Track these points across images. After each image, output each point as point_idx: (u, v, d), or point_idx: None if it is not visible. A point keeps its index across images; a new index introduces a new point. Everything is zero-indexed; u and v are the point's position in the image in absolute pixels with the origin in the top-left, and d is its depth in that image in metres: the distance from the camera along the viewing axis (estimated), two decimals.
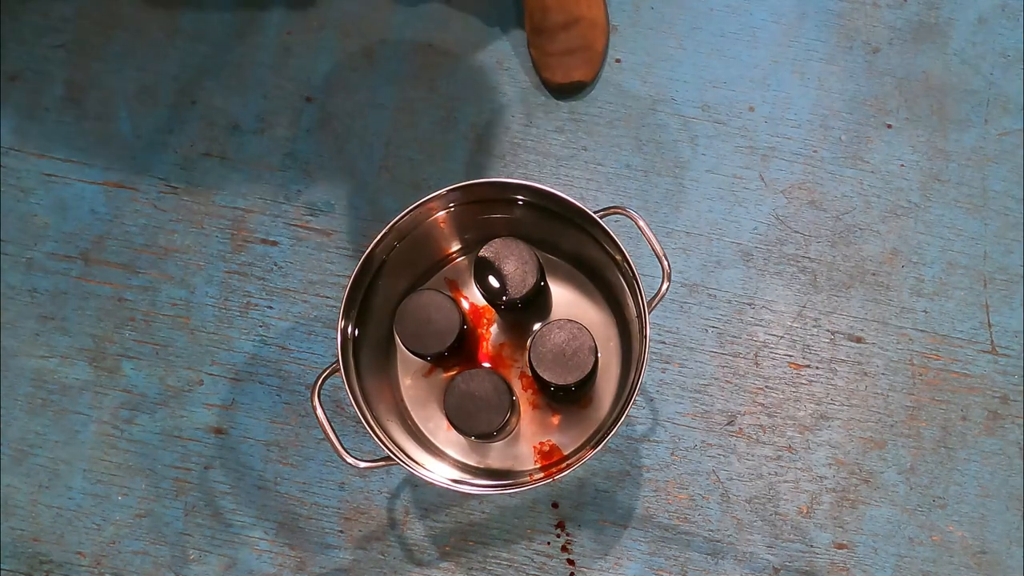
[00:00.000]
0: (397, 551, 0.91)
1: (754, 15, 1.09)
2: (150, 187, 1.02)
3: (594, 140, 1.04)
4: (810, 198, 1.03)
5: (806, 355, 0.97)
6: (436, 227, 0.79)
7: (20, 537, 0.92)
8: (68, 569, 0.91)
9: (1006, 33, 1.09)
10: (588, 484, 0.93)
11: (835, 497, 0.93)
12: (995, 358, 0.97)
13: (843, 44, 1.08)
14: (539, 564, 0.91)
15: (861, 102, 1.06)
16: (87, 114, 1.05)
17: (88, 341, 0.98)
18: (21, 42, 1.07)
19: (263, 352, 0.97)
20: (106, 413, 0.95)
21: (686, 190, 1.02)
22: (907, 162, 1.04)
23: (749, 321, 0.98)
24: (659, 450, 0.94)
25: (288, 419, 0.95)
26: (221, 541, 0.92)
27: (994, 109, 1.06)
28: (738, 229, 1.01)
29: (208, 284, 0.99)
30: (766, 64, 1.07)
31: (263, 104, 1.05)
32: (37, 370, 0.97)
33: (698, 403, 0.95)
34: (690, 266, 1.00)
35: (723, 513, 0.93)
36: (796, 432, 0.95)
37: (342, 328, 0.72)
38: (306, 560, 0.91)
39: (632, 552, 0.91)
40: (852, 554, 0.92)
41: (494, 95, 1.05)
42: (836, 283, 1.00)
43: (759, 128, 1.04)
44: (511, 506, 0.92)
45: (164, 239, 1.01)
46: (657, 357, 0.96)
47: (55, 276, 1.00)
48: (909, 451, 0.94)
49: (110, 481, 0.94)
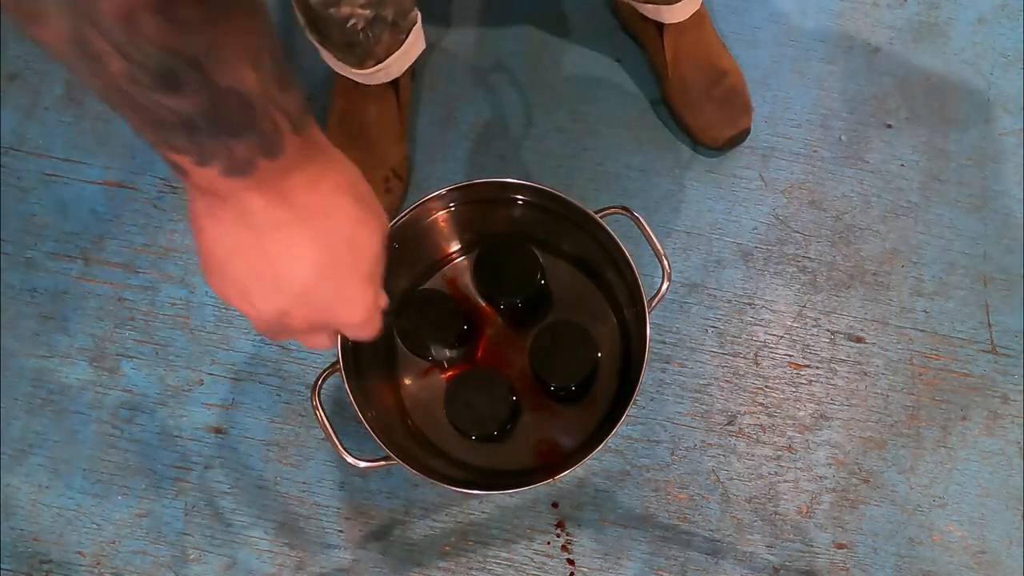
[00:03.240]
0: (397, 551, 0.91)
1: (754, 15, 1.09)
2: (150, 186, 1.02)
3: (594, 140, 1.04)
4: (810, 198, 1.03)
5: (806, 355, 0.97)
6: (436, 227, 0.79)
7: (20, 537, 0.92)
8: (68, 569, 0.91)
9: (1006, 33, 1.09)
10: (588, 484, 0.93)
11: (835, 497, 0.93)
12: (995, 358, 0.97)
13: (843, 44, 1.08)
14: (539, 564, 0.91)
15: (861, 102, 1.06)
16: (87, 113, 1.05)
17: (88, 341, 0.98)
18: (21, 42, 1.07)
19: (263, 352, 0.97)
20: (106, 413, 0.95)
21: (686, 190, 1.02)
22: (907, 162, 1.04)
23: (749, 321, 0.98)
24: (659, 450, 0.94)
25: (288, 419, 0.95)
26: (221, 541, 0.92)
27: (994, 109, 1.06)
28: (738, 229, 1.01)
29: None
30: (766, 64, 1.07)
31: None
32: (37, 370, 0.97)
33: (698, 403, 0.95)
34: (690, 266, 1.00)
35: (723, 513, 0.93)
36: (796, 432, 0.95)
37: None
38: (306, 560, 0.91)
39: (632, 552, 0.91)
40: (852, 554, 0.92)
41: (494, 95, 1.05)
42: (836, 283, 1.00)
43: (759, 128, 1.04)
44: (511, 506, 0.92)
45: (164, 239, 1.01)
46: (657, 357, 0.96)
47: (55, 276, 1.00)
48: (909, 451, 0.94)
49: (110, 481, 0.94)
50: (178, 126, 0.34)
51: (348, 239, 0.42)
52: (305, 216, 0.40)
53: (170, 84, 0.32)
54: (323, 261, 0.41)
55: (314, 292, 0.42)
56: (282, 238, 0.40)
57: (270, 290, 0.42)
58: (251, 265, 0.41)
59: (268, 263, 0.40)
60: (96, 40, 0.29)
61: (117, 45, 0.29)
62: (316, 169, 0.40)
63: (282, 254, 0.40)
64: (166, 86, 0.32)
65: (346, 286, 0.43)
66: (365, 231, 0.43)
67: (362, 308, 0.44)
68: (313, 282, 0.42)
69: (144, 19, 0.29)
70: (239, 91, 0.34)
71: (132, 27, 0.29)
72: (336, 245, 0.41)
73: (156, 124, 0.34)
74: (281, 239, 0.40)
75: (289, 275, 0.41)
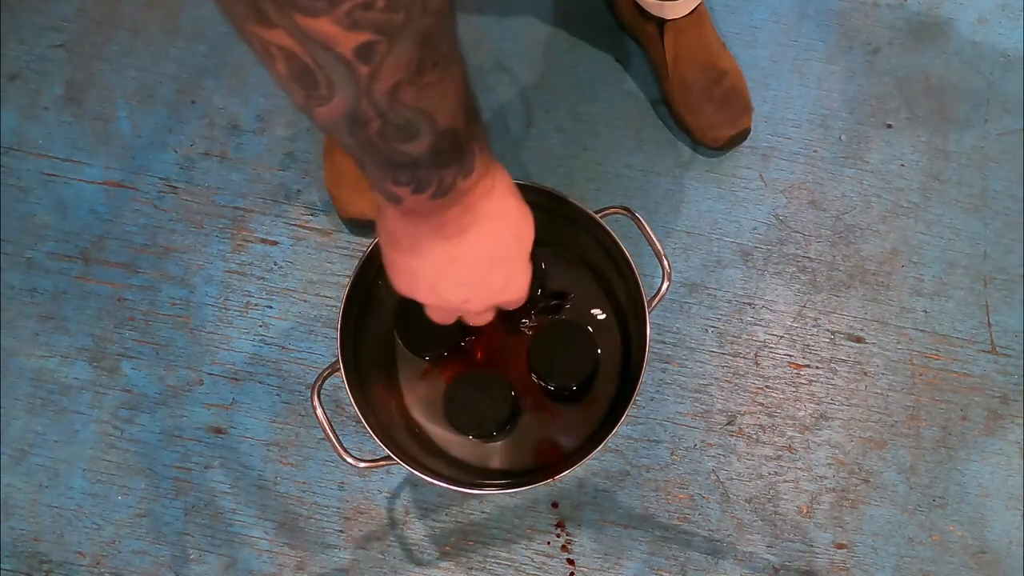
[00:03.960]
0: (397, 551, 0.91)
1: (754, 15, 1.09)
2: (150, 187, 1.02)
3: (594, 140, 1.04)
4: (810, 198, 1.03)
5: (806, 355, 0.97)
6: None
7: (20, 537, 0.92)
8: (68, 569, 0.91)
9: (1006, 33, 1.09)
10: (588, 484, 0.93)
11: (835, 497, 0.93)
12: (995, 358, 0.97)
13: (843, 44, 1.08)
14: (539, 564, 0.91)
15: (861, 102, 1.06)
16: (87, 113, 1.05)
17: (88, 341, 0.98)
18: (21, 42, 1.07)
19: (263, 352, 0.97)
20: (106, 413, 0.95)
21: (686, 190, 1.02)
22: (907, 162, 1.04)
23: (749, 321, 0.98)
24: (659, 450, 0.94)
25: (288, 419, 0.95)
26: (221, 541, 0.92)
27: (994, 109, 1.06)
28: (738, 229, 1.01)
29: (208, 284, 0.99)
30: (766, 64, 1.07)
31: (263, 104, 1.05)
32: (37, 370, 0.97)
33: (698, 403, 0.95)
34: (690, 266, 1.00)
35: (723, 513, 0.93)
36: (796, 432, 0.95)
37: (342, 328, 0.72)
38: (306, 560, 0.91)
39: (632, 552, 0.91)
40: (852, 554, 0.92)
41: (495, 95, 1.05)
42: (836, 283, 1.00)
43: (759, 128, 1.04)
44: (511, 506, 0.92)
45: (164, 239, 1.01)
46: (657, 357, 0.96)
47: (55, 276, 1.00)
48: (909, 451, 0.94)
49: (110, 481, 0.94)
50: (407, 165, 0.41)
51: (515, 234, 0.52)
52: (484, 219, 0.48)
53: (411, 134, 0.39)
54: (498, 255, 0.51)
55: (490, 281, 0.52)
56: (468, 240, 0.49)
57: (457, 284, 0.51)
58: (442, 266, 0.50)
59: (456, 263, 0.50)
60: (367, 108, 0.36)
61: (380, 111, 0.37)
62: (490, 178, 0.48)
63: (468, 254, 0.49)
64: (408, 136, 0.39)
65: (515, 272, 0.53)
66: (526, 224, 0.52)
67: (525, 286, 0.55)
68: (490, 273, 0.52)
69: (404, 89, 0.36)
70: (454, 130, 0.41)
71: (394, 96, 0.36)
72: (508, 240, 0.51)
73: (390, 165, 0.41)
74: (467, 241, 0.49)
75: (472, 270, 0.51)
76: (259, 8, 0.32)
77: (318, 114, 0.38)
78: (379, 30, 0.33)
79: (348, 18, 0.32)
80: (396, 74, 0.35)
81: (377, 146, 0.40)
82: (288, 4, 0.31)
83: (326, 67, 0.34)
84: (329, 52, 0.33)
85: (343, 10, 0.32)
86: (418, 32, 0.35)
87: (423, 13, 0.34)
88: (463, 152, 0.43)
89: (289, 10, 0.32)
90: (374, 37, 0.33)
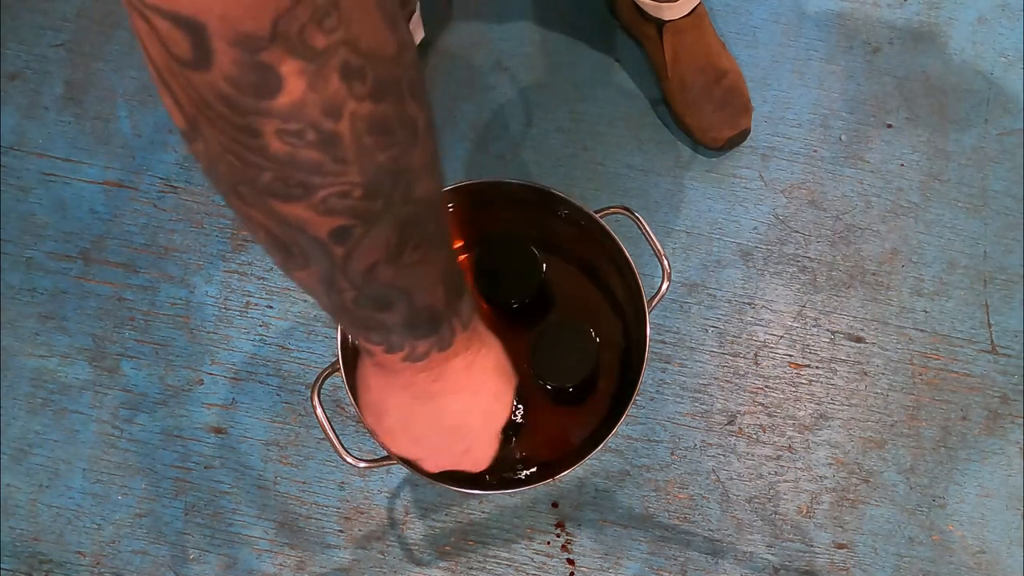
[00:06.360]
0: (397, 551, 0.91)
1: (754, 15, 1.09)
2: (150, 186, 1.02)
3: (594, 140, 1.04)
4: (810, 198, 1.03)
5: (806, 355, 0.97)
6: None
7: (20, 537, 0.92)
8: (68, 569, 0.91)
9: (1006, 33, 1.09)
10: (588, 484, 0.93)
11: (835, 497, 0.93)
12: (995, 358, 0.97)
13: (843, 44, 1.08)
14: (539, 564, 0.91)
15: (861, 102, 1.06)
16: (87, 113, 1.05)
17: (88, 341, 0.98)
18: (21, 42, 1.07)
19: (263, 352, 0.97)
20: (106, 413, 0.95)
21: (686, 190, 1.02)
22: (907, 162, 1.04)
23: (749, 321, 0.98)
24: (659, 450, 0.94)
25: (288, 419, 0.95)
26: (221, 541, 0.92)
27: (994, 109, 1.06)
28: (738, 229, 1.01)
29: (208, 284, 0.99)
30: (766, 64, 1.07)
31: None
32: (37, 370, 0.97)
33: (698, 403, 0.95)
34: (690, 266, 1.00)
35: (723, 513, 0.93)
36: (796, 432, 0.95)
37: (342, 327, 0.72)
38: (306, 560, 0.91)
39: (632, 552, 0.91)
40: (852, 554, 0.92)
41: (494, 95, 1.05)
42: (836, 283, 1.00)
43: (759, 128, 1.04)
44: (511, 506, 0.92)
45: (164, 239, 1.01)
46: (657, 357, 0.96)
47: (55, 276, 1.00)
48: (909, 451, 0.94)
49: (110, 481, 0.94)
50: (380, 329, 0.43)
51: (484, 410, 0.53)
52: (454, 389, 0.49)
53: (384, 306, 0.40)
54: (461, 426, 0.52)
55: (450, 447, 0.54)
56: (433, 406, 0.50)
57: (411, 443, 0.54)
58: (403, 421, 0.52)
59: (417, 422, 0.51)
60: (341, 281, 0.37)
61: (355, 285, 0.38)
62: (471, 354, 0.49)
63: (430, 417, 0.51)
64: (382, 308, 0.40)
65: (476, 444, 0.54)
66: (499, 403, 0.54)
67: (486, 458, 0.56)
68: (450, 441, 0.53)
69: (381, 269, 0.37)
70: (432, 307, 0.42)
71: (370, 275, 0.37)
72: (475, 415, 0.52)
73: (363, 326, 0.43)
74: (431, 406, 0.50)
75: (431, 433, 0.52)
76: (236, 190, 0.32)
77: (296, 276, 0.38)
78: (356, 216, 0.33)
79: (323, 204, 0.32)
80: (373, 255, 0.36)
81: (351, 312, 0.40)
82: (264, 190, 0.32)
83: (301, 244, 0.35)
84: (304, 234, 0.34)
85: (318, 198, 0.32)
86: (398, 218, 0.35)
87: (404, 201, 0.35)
88: (440, 328, 0.44)
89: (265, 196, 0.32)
90: (350, 222, 0.33)
